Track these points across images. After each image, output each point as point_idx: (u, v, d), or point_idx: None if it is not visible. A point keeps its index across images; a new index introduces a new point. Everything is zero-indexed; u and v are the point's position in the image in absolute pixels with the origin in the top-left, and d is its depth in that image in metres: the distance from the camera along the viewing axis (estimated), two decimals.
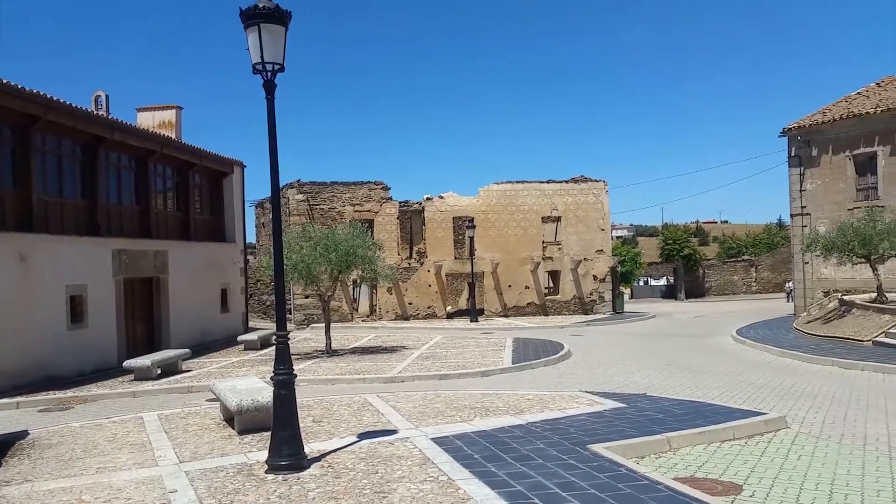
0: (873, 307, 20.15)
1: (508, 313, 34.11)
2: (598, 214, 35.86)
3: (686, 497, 5.69)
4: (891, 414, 9.49)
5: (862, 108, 28.45)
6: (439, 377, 14.58)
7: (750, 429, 8.50)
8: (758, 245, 65.53)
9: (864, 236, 20.69)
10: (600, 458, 6.97)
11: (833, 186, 28.90)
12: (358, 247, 18.18)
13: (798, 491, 6.24)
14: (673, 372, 14.87)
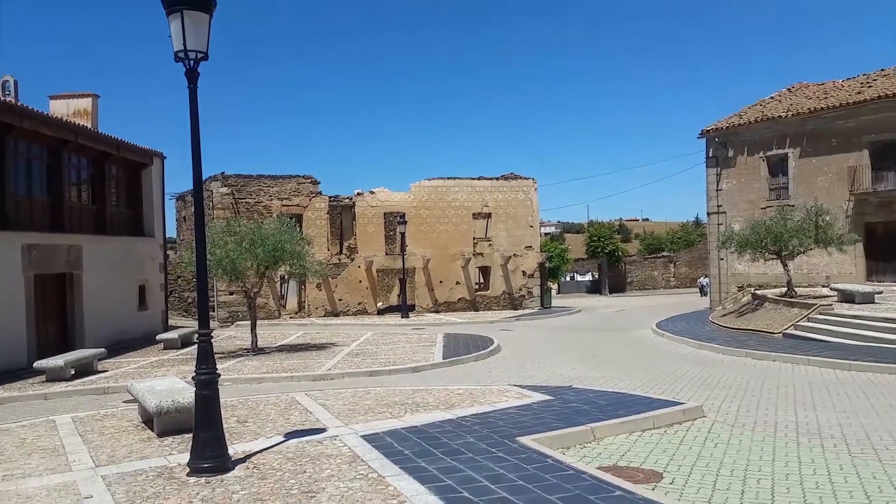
0: (783, 301, 21.22)
1: (439, 309, 34.23)
2: (528, 211, 36.40)
3: (609, 485, 5.85)
4: (799, 402, 10.01)
5: (774, 111, 29.88)
6: (370, 374, 14.51)
7: (669, 418, 8.81)
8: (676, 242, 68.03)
9: (776, 234, 21.74)
10: (528, 450, 7.08)
11: (747, 186, 30.26)
12: (286, 242, 17.86)
13: (715, 477, 6.50)
14: (597, 364, 15.26)
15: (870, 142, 26.29)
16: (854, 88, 28.32)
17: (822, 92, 29.87)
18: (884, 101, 25.69)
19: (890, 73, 28.36)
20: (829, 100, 28.16)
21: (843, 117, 26.92)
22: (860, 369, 12.65)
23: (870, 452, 7.12)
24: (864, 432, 7.98)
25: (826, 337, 16.71)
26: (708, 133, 31.74)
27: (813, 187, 27.59)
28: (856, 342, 15.61)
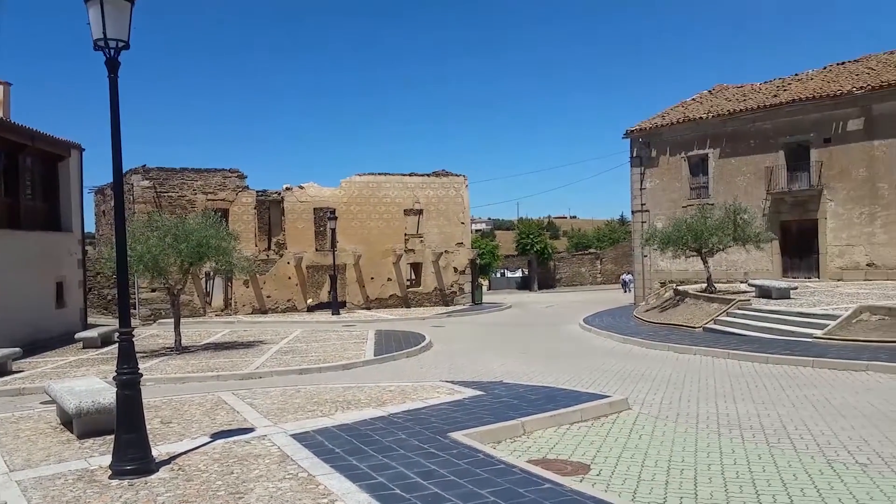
0: (704, 296, 22.06)
1: (371, 305, 34.03)
2: (459, 208, 36.60)
3: (539, 478, 5.93)
4: (720, 395, 10.42)
5: (696, 113, 30.97)
6: (299, 372, 14.28)
7: (596, 411, 9.01)
8: (602, 239, 69.72)
9: (697, 232, 22.56)
10: (460, 446, 7.11)
11: (670, 185, 31.28)
12: (211, 237, 17.37)
13: (640, 469, 6.68)
14: (528, 359, 15.48)
15: (785, 143, 27.59)
16: (771, 91, 29.65)
17: (741, 94, 31.15)
18: (797, 104, 27.01)
19: (804, 77, 29.83)
20: (748, 102, 29.39)
21: (761, 119, 28.17)
22: (776, 362, 13.25)
23: (786, 442, 7.46)
24: (780, 423, 8.36)
25: (744, 331, 17.44)
26: (632, 133, 32.65)
27: (732, 187, 28.75)
28: (772, 336, 16.35)
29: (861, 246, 25.69)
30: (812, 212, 26.89)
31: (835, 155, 26.24)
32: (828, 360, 12.62)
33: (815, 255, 26.98)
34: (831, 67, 29.58)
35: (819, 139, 26.61)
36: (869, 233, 25.48)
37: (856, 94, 25.38)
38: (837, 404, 9.26)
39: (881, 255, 25.20)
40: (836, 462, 6.61)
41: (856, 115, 25.60)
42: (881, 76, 25.75)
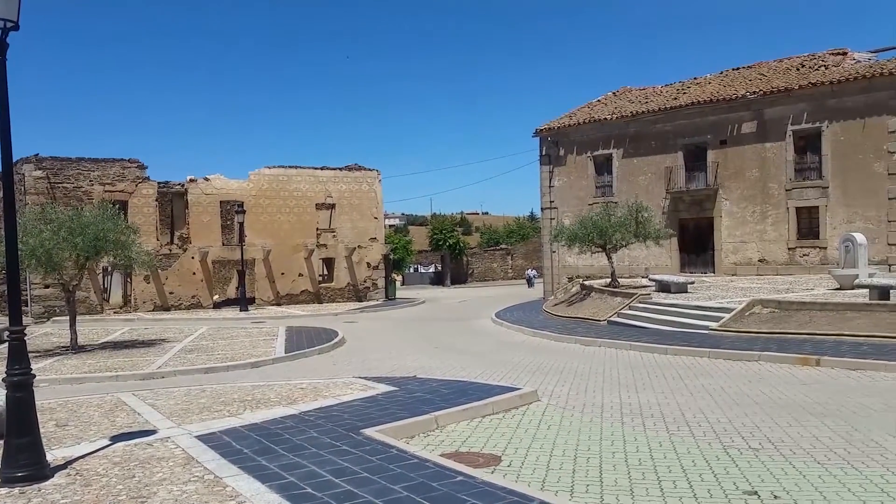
0: (608, 291, 22.86)
1: (281, 302, 33.37)
2: (372, 203, 36.41)
3: (451, 471, 5.99)
4: (623, 385, 10.83)
5: (601, 114, 32.02)
6: (205, 371, 13.82)
7: (507, 403, 9.18)
8: (513, 235, 71.03)
9: (601, 229, 23.35)
10: (373, 442, 7.08)
11: (577, 184, 32.22)
12: (109, 231, 16.57)
13: (548, 458, 6.86)
14: (441, 354, 15.60)
15: (684, 144, 28.93)
16: (671, 95, 31.01)
17: (644, 97, 32.44)
18: (695, 107, 28.37)
19: (702, 81, 31.35)
20: (650, 104, 30.63)
21: (661, 121, 29.41)
22: (675, 353, 13.89)
23: (685, 430, 7.84)
24: (679, 411, 8.77)
25: (646, 323, 18.20)
26: (541, 132, 33.42)
27: (634, 186, 29.90)
28: (671, 328, 17.14)
29: (753, 243, 27.30)
30: (708, 210, 28.33)
31: (730, 156, 27.74)
32: (723, 351, 13.34)
33: (710, 251, 28.46)
34: (727, 73, 31.23)
35: (715, 141, 28.06)
36: (760, 230, 27.10)
37: (749, 99, 26.90)
38: (732, 393, 9.80)
39: (771, 252, 26.87)
40: (731, 448, 7.00)
41: (749, 118, 27.14)
42: (772, 82, 27.41)
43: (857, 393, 9.35)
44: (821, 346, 12.87)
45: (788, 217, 26.38)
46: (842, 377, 10.63)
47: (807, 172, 26.10)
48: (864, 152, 24.57)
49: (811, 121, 25.67)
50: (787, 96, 26.11)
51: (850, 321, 14.18)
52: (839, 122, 25.07)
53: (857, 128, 24.71)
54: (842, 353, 12.13)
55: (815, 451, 6.68)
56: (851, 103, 24.78)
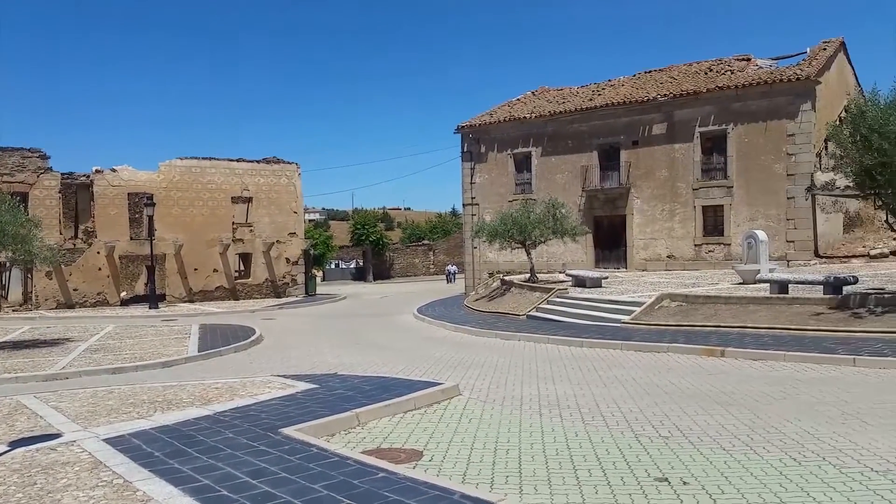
0: (527, 286, 23.30)
1: (194, 298, 32.32)
2: (291, 197, 35.74)
3: (373, 468, 5.96)
4: (541, 378, 11.05)
5: (521, 112, 32.56)
6: (112, 371, 13.22)
7: (429, 398, 9.21)
8: (435, 231, 71.39)
9: (521, 225, 23.77)
10: (292, 441, 6.96)
11: (498, 180, 32.66)
12: (7, 224, 15.64)
13: (469, 451, 6.93)
14: (362, 350, 15.49)
15: (598, 144, 29.80)
16: (587, 95, 31.85)
17: (561, 97, 33.19)
18: (609, 108, 29.25)
19: (616, 83, 32.33)
20: (567, 104, 31.37)
21: (578, 121, 30.18)
22: (591, 345, 14.29)
23: (599, 420, 8.08)
24: (594, 402, 9.03)
25: (563, 317, 18.65)
26: (463, 129, 33.69)
27: (552, 183, 30.57)
28: (587, 321, 17.63)
29: (662, 240, 28.41)
30: (621, 208, 29.29)
31: (641, 156, 28.75)
32: (634, 343, 13.82)
33: (623, 247, 29.45)
34: (640, 75, 32.34)
35: (628, 141, 29.03)
36: (669, 228, 28.23)
37: (660, 101, 27.96)
38: (643, 383, 10.17)
39: (679, 248, 28.04)
40: (642, 436, 7.26)
41: (660, 119, 28.21)
42: (681, 85, 28.57)
43: (758, 382, 9.88)
44: (725, 338, 13.52)
45: (695, 215, 27.60)
46: (745, 367, 11.20)
47: (713, 172, 27.37)
48: (765, 154, 25.98)
49: (717, 123, 26.93)
50: (695, 99, 27.29)
51: (752, 314, 14.97)
52: (743, 125, 26.41)
53: (759, 130, 26.09)
54: (745, 344, 12.77)
55: (720, 438, 7.01)
56: (754, 107, 26.15)
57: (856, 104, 14.40)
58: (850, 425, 7.24)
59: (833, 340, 12.34)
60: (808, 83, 25.09)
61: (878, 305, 13.65)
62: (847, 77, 29.84)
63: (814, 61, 26.40)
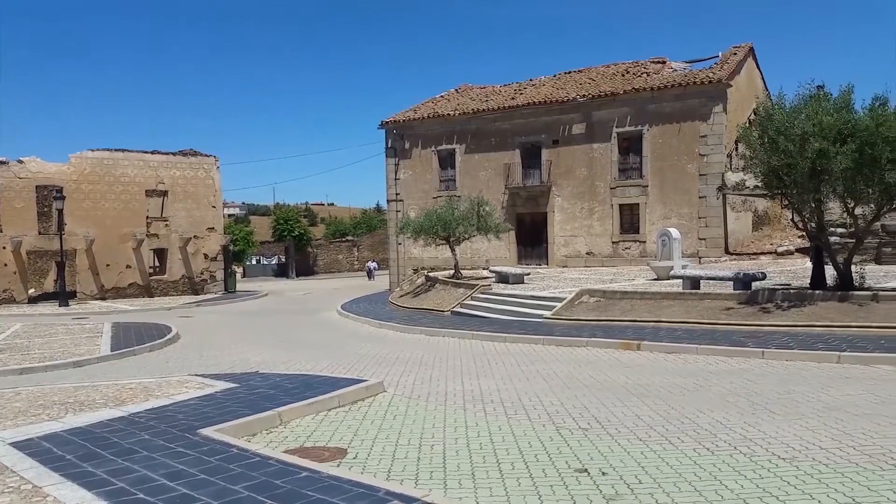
0: (452, 282, 23.47)
1: (107, 295, 30.98)
2: (209, 191, 34.72)
3: (296, 467, 5.88)
4: (465, 373, 11.17)
5: (444, 109, 32.72)
6: (19, 371, 12.53)
7: (353, 395, 9.16)
8: (359, 227, 70.87)
9: (445, 221, 23.91)
10: (211, 442, 6.79)
11: (422, 177, 32.73)
12: None
13: (394, 448, 6.94)
14: (285, 348, 15.24)
15: (520, 142, 30.29)
16: (509, 94, 32.31)
17: (484, 95, 33.54)
18: (531, 107, 29.77)
19: (537, 83, 32.92)
20: (490, 103, 31.74)
21: (500, 119, 30.59)
22: (513, 341, 14.54)
23: (522, 413, 8.24)
24: (517, 396, 9.20)
25: (486, 313, 18.88)
26: (387, 125, 33.58)
27: (476, 181, 30.88)
28: (510, 317, 17.91)
29: (582, 237, 29.17)
30: (543, 206, 29.89)
31: (562, 155, 29.41)
32: (555, 338, 14.15)
33: (544, 244, 30.07)
34: (560, 75, 33.04)
35: (549, 140, 29.64)
36: (588, 225, 29.00)
37: (579, 102, 28.66)
38: (564, 377, 10.43)
39: (597, 245, 28.85)
40: (563, 428, 7.46)
41: (579, 120, 28.92)
42: (599, 86, 29.36)
43: (672, 374, 10.30)
44: (641, 332, 14.01)
45: (613, 213, 28.46)
46: (660, 360, 11.66)
47: (629, 172, 28.28)
48: (679, 154, 27.03)
49: (634, 124, 27.83)
50: (612, 100, 28.11)
51: (666, 309, 15.57)
52: (658, 126, 27.39)
53: (673, 131, 27.12)
54: (659, 337, 13.28)
55: (637, 429, 7.28)
56: (669, 109, 27.16)
57: (764, 107, 15.13)
58: (759, 415, 7.64)
59: (742, 334, 13.00)
60: (720, 86, 26.26)
61: (784, 300, 14.44)
62: (756, 81, 31.39)
63: (725, 65, 27.65)
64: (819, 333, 12.44)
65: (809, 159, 13.24)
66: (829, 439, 6.58)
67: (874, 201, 13.99)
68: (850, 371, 9.89)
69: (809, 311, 13.67)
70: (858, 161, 12.95)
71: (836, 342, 11.56)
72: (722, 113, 26.29)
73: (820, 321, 13.07)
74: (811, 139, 13.16)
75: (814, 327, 12.84)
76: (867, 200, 14.12)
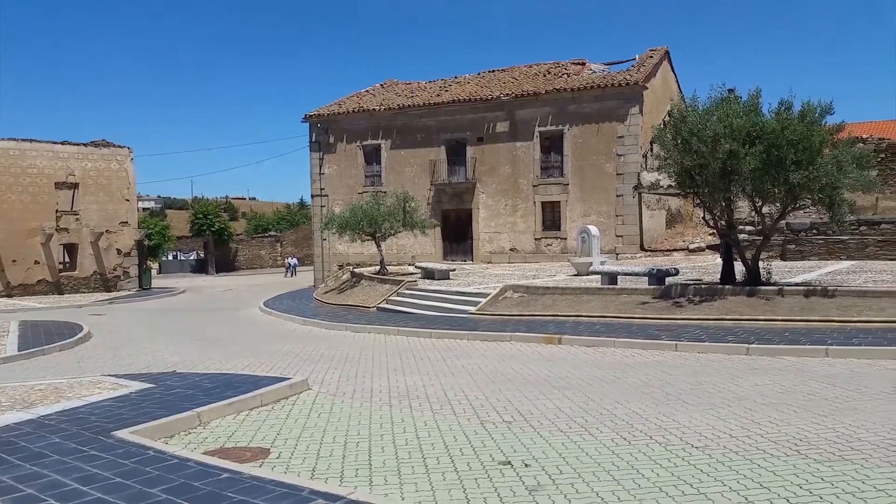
0: (377, 278, 23.38)
1: (13, 293, 29.38)
2: (123, 183, 33.38)
3: (216, 468, 5.75)
4: (391, 369, 11.16)
5: (370, 104, 32.53)
6: None
7: (276, 394, 9.01)
8: (283, 222, 69.56)
9: (371, 217, 23.81)
10: (126, 444, 6.55)
11: (347, 172, 32.44)
12: None
13: (319, 446, 6.87)
14: (204, 346, 14.83)
15: (446, 139, 30.45)
16: (435, 91, 32.41)
17: (410, 91, 33.52)
18: (456, 105, 29.97)
19: (462, 80, 33.14)
20: (415, 98, 31.75)
21: (426, 116, 30.66)
22: (439, 336, 14.61)
23: (447, 408, 8.30)
24: (442, 391, 9.26)
25: (412, 309, 18.91)
26: (311, 118, 33.10)
27: (402, 177, 30.85)
28: (436, 312, 17.99)
29: (506, 233, 29.60)
30: (468, 202, 30.16)
31: (486, 152, 29.74)
32: (480, 333, 14.32)
33: (470, 240, 30.36)
34: (484, 74, 33.38)
35: (474, 138, 29.92)
36: (512, 222, 29.45)
37: (503, 100, 29.05)
38: (488, 371, 10.57)
39: (521, 241, 29.34)
40: (487, 422, 7.56)
41: (503, 118, 29.31)
42: (522, 86, 29.84)
43: (592, 367, 10.60)
44: (562, 326, 14.35)
45: (535, 210, 29.02)
46: (580, 353, 11.97)
47: (551, 170, 28.89)
48: (597, 154, 27.79)
49: (555, 123, 28.43)
50: (535, 100, 28.62)
51: (586, 303, 16.00)
52: (578, 126, 28.08)
53: (592, 131, 27.86)
54: (580, 331, 13.62)
55: (558, 421, 7.46)
56: (588, 109, 27.88)
57: (678, 109, 15.73)
58: (673, 405, 7.96)
59: (657, 327, 13.49)
60: (636, 89, 27.13)
61: (695, 295, 15.08)
62: (670, 84, 32.60)
63: (641, 68, 28.59)
64: (729, 326, 13.05)
65: (720, 160, 13.84)
66: (738, 427, 6.92)
67: (780, 200, 14.75)
68: (758, 362, 10.42)
69: (720, 305, 14.32)
70: (766, 162, 13.62)
71: (744, 335, 12.15)
72: (638, 114, 27.17)
73: (729, 315, 13.70)
74: (722, 140, 13.76)
75: (724, 321, 13.45)
76: (773, 200, 14.88)
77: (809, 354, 10.57)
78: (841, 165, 13.41)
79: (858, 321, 12.34)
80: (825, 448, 6.13)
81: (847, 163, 13.47)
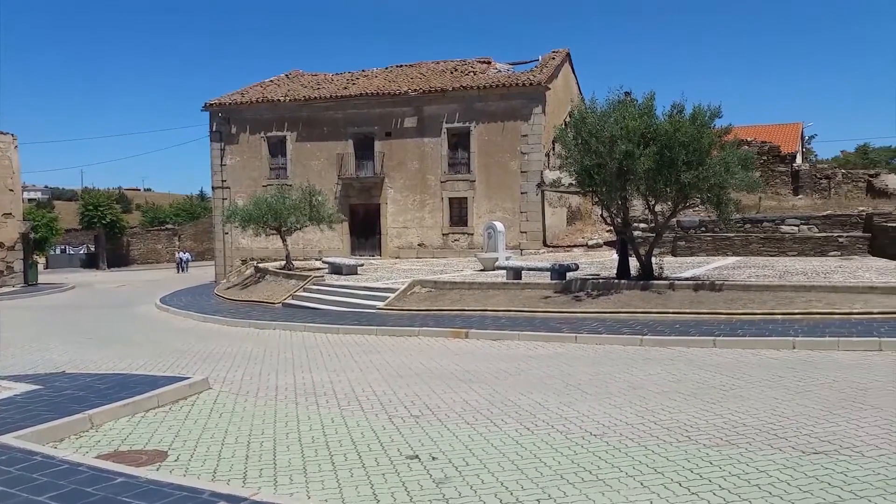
0: (283, 273, 22.92)
1: None
2: (6, 172, 31.22)
3: (110, 473, 5.51)
4: (297, 366, 10.98)
5: (274, 95, 31.79)
6: None
7: (174, 394, 8.69)
8: (181, 215, 66.84)
9: (276, 211, 23.29)
10: (11, 450, 6.15)
11: (250, 164, 31.60)
12: None
13: (220, 447, 6.68)
14: (96, 345, 14.10)
15: (353, 133, 30.19)
16: (342, 84, 32.04)
17: (316, 83, 32.98)
18: (364, 98, 29.77)
19: (370, 74, 32.92)
20: (322, 91, 31.28)
21: (333, 108, 30.28)
22: (347, 332, 14.49)
23: (355, 404, 8.26)
24: (350, 387, 9.20)
25: (320, 305, 18.66)
26: (212, 107, 32.02)
27: (308, 170, 30.35)
28: (343, 308, 17.83)
29: (414, 228, 29.68)
30: (376, 197, 30.04)
31: (394, 147, 29.70)
32: (388, 328, 14.31)
33: (378, 235, 30.26)
34: (392, 68, 33.29)
35: (382, 132, 29.81)
36: (420, 217, 29.56)
37: (411, 96, 29.08)
38: (396, 366, 10.59)
39: (429, 237, 29.50)
40: (395, 417, 7.58)
41: (411, 113, 29.35)
42: (430, 82, 29.97)
43: (497, 360, 10.82)
44: (469, 321, 14.54)
45: (443, 206, 29.26)
46: (486, 347, 12.19)
47: (458, 167, 29.21)
48: (503, 152, 28.32)
49: (462, 120, 28.74)
50: (442, 96, 28.83)
51: (492, 298, 16.29)
52: (484, 124, 28.51)
53: (498, 129, 28.36)
54: (486, 325, 13.87)
55: (465, 414, 7.58)
56: (494, 108, 28.35)
57: (578, 110, 16.23)
58: (573, 395, 8.25)
59: (559, 320, 13.93)
60: (539, 89, 27.81)
61: (594, 289, 15.64)
62: (571, 85, 33.61)
63: (544, 69, 29.32)
64: (624, 319, 13.63)
65: (617, 160, 14.42)
66: (633, 415, 7.25)
67: (672, 199, 15.53)
68: (651, 353, 10.95)
69: (616, 298, 14.93)
70: (659, 162, 14.31)
71: (639, 327, 12.73)
72: (541, 114, 27.87)
73: (625, 308, 14.32)
74: (619, 141, 14.34)
75: (620, 314, 14.04)
76: (666, 198, 15.65)
77: (699, 345, 11.20)
78: (728, 166, 14.26)
79: (743, 313, 13.17)
80: (713, 433, 6.52)
81: (734, 164, 14.34)
